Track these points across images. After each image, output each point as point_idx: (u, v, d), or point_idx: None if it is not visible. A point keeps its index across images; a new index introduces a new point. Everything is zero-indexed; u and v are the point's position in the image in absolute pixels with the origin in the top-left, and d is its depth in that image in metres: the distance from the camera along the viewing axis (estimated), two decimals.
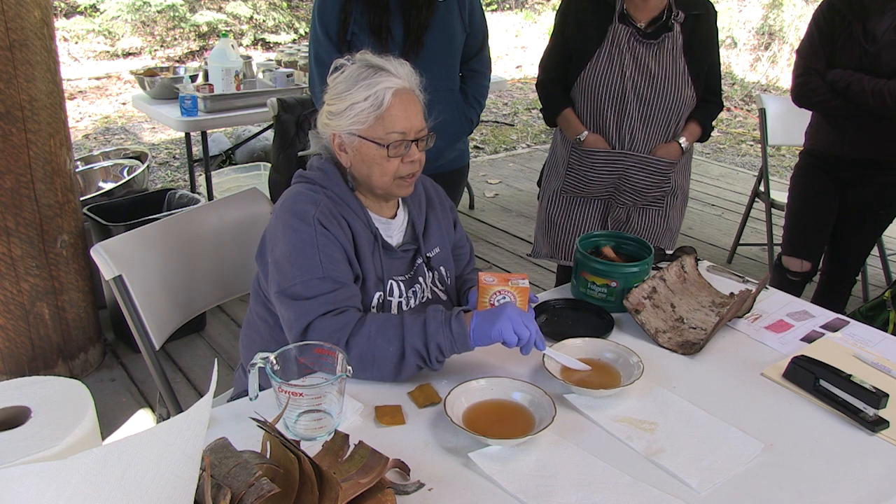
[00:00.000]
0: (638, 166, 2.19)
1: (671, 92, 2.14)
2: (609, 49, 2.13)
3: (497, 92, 7.35)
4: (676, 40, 2.13)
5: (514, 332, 1.25)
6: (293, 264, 1.33)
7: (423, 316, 1.30)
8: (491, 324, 1.26)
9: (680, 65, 2.13)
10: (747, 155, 6.00)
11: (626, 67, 2.12)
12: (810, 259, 2.64)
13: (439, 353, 1.27)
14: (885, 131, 2.43)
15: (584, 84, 2.19)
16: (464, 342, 1.27)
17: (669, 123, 2.18)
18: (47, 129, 2.40)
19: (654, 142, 2.19)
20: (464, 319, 1.28)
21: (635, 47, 2.12)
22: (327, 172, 1.44)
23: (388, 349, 1.27)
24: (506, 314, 1.26)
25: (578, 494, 1.04)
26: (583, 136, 2.22)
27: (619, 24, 2.12)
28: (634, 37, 2.12)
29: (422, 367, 1.30)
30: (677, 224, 2.37)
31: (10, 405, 0.77)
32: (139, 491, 0.65)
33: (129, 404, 2.56)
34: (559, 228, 2.37)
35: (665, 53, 2.12)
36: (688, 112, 2.20)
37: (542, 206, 2.44)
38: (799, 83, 2.50)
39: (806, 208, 2.67)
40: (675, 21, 2.12)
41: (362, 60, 1.40)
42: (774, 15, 8.50)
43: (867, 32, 2.36)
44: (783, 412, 1.27)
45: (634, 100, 2.14)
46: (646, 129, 2.17)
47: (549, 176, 2.42)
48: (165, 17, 8.38)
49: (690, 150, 2.31)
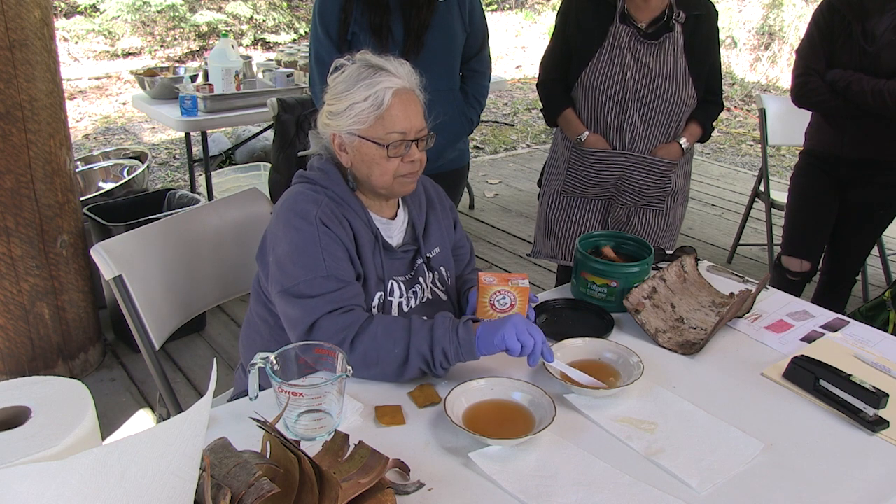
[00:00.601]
0: (638, 167, 2.19)
1: (672, 92, 2.13)
2: (610, 49, 2.13)
3: (497, 92, 7.35)
4: (677, 41, 2.12)
5: (517, 338, 1.25)
6: (296, 263, 1.33)
7: (431, 321, 1.30)
8: (495, 331, 1.26)
9: (681, 65, 2.13)
10: (747, 155, 6.00)
11: (627, 68, 2.12)
12: (810, 259, 2.64)
13: (444, 358, 1.27)
14: (885, 131, 2.43)
15: (584, 84, 2.19)
16: (469, 349, 1.27)
17: (670, 124, 2.18)
18: (47, 129, 2.40)
19: (654, 142, 2.19)
20: (471, 327, 1.28)
21: (636, 48, 2.12)
22: (328, 172, 1.44)
23: (394, 351, 1.27)
24: (511, 322, 1.27)
25: (578, 494, 1.04)
26: (583, 137, 2.21)
27: (619, 25, 2.12)
28: (635, 37, 2.12)
29: (425, 373, 1.30)
30: (677, 224, 2.37)
31: (10, 405, 0.77)
32: (139, 491, 0.65)
33: (129, 404, 2.56)
34: (559, 229, 2.37)
35: (666, 54, 2.12)
36: (688, 112, 2.20)
37: (542, 207, 2.44)
38: (799, 83, 2.50)
39: (806, 208, 2.67)
40: (677, 21, 2.11)
41: (362, 60, 1.39)
42: (774, 15, 8.50)
43: (866, 33, 2.36)
44: (783, 412, 1.27)
45: (635, 100, 2.14)
46: (646, 129, 2.17)
47: (550, 176, 2.42)
48: (165, 17, 8.38)
49: (691, 150, 2.30)
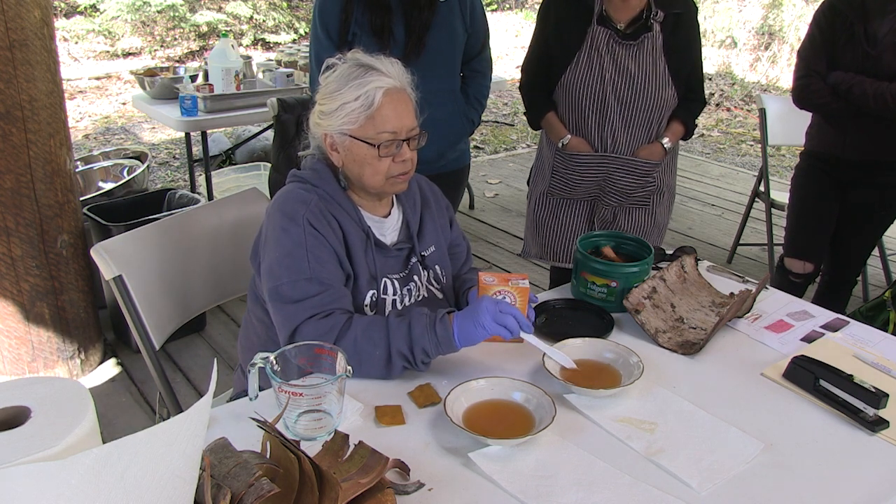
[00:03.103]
0: (621, 169, 2.18)
1: (651, 93, 2.12)
2: (588, 52, 2.12)
3: (497, 92, 7.35)
4: (656, 40, 2.11)
5: (496, 323, 1.26)
6: (281, 264, 1.34)
7: (407, 318, 1.30)
8: (473, 323, 1.27)
9: (660, 65, 2.12)
10: (747, 155, 6.00)
11: (606, 71, 2.10)
12: (813, 260, 2.64)
13: (424, 355, 1.28)
14: (886, 132, 2.43)
15: (564, 88, 2.17)
16: (448, 344, 1.28)
17: (651, 124, 2.17)
18: (47, 129, 2.40)
19: (636, 143, 2.18)
20: (448, 322, 1.28)
21: (614, 49, 2.10)
22: (319, 172, 1.44)
23: (374, 353, 1.28)
24: (482, 307, 1.27)
25: (578, 494, 1.04)
26: (565, 140, 2.21)
27: (597, 27, 2.10)
28: (613, 38, 2.10)
29: (408, 369, 1.31)
30: (665, 220, 2.37)
31: (10, 405, 0.77)
32: (139, 491, 0.65)
33: (129, 404, 2.56)
34: (547, 229, 2.37)
35: (645, 54, 2.11)
36: (669, 112, 2.19)
37: (529, 208, 2.44)
38: (800, 85, 2.50)
39: (807, 210, 2.67)
40: (655, 21, 2.10)
41: (353, 59, 1.40)
42: (774, 15, 8.50)
43: (868, 34, 2.35)
44: (783, 412, 1.27)
45: (615, 102, 2.12)
46: (628, 131, 2.16)
47: (536, 178, 2.42)
48: (165, 17, 8.38)
49: (676, 147, 2.29)
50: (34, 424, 0.74)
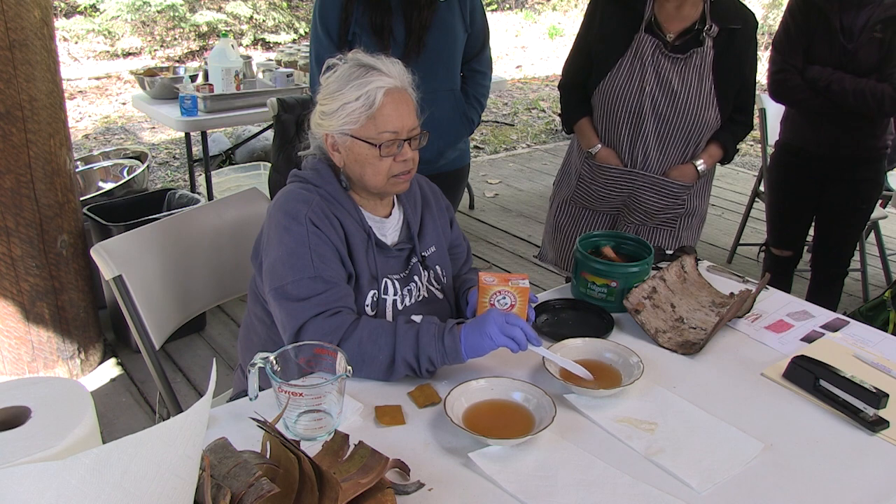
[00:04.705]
0: (649, 187, 2.08)
1: (692, 112, 1.99)
2: (631, 60, 2.00)
3: (497, 92, 7.35)
4: (706, 57, 1.97)
5: (504, 335, 1.26)
6: (285, 264, 1.33)
7: (416, 326, 1.30)
8: (480, 334, 1.26)
9: (706, 84, 1.98)
10: (747, 155, 6.00)
11: (647, 83, 1.98)
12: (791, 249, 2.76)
13: (430, 364, 1.28)
14: (860, 128, 2.42)
15: (601, 95, 2.07)
16: (455, 356, 1.28)
17: (688, 145, 2.05)
18: (47, 129, 2.40)
19: (669, 163, 2.07)
20: (457, 333, 1.28)
21: (659, 61, 1.98)
22: (320, 172, 1.44)
23: (378, 357, 1.28)
24: (490, 319, 1.27)
25: (578, 494, 1.04)
26: (595, 150, 2.12)
27: (645, 35, 1.98)
28: (660, 49, 1.97)
29: (410, 376, 1.31)
30: (692, 244, 2.21)
31: (10, 405, 0.77)
32: (139, 491, 0.65)
33: (129, 404, 2.56)
34: (565, 236, 2.31)
35: (691, 70, 1.97)
36: (709, 134, 2.05)
37: (550, 211, 2.39)
38: (777, 80, 2.46)
39: (785, 202, 2.72)
40: (708, 35, 1.95)
41: (354, 60, 1.40)
42: (774, 15, 8.50)
43: (843, 27, 2.32)
44: (783, 412, 1.27)
45: (652, 117, 2.01)
46: (661, 149, 2.05)
47: (561, 182, 2.34)
48: (165, 17, 8.38)
49: (712, 170, 2.17)
50: (34, 424, 0.74)
